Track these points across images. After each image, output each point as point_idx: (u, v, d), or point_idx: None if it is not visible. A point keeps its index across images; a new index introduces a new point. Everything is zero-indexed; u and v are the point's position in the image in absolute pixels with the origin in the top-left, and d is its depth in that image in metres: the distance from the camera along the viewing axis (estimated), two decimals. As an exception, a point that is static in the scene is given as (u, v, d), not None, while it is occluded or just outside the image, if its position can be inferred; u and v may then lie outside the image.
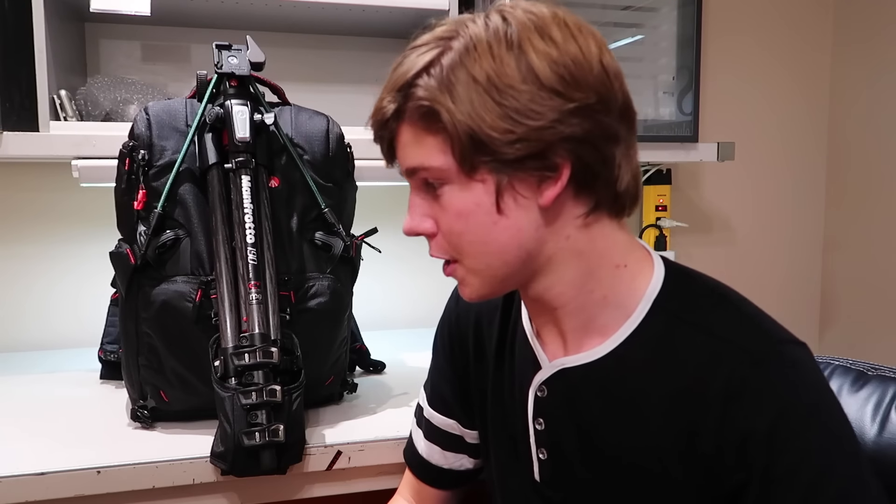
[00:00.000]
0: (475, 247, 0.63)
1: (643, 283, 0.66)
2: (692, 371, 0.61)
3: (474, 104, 0.58)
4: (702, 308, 0.65)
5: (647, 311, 0.65)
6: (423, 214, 0.65)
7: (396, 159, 0.66)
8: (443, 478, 0.87)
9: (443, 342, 0.87)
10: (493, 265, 0.64)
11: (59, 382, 1.22)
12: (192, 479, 0.89)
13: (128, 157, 0.97)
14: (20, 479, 0.83)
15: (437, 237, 0.66)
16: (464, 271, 0.66)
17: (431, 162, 0.62)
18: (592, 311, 0.66)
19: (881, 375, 0.86)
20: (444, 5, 1.36)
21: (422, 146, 0.62)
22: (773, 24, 1.92)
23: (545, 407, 0.70)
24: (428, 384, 0.89)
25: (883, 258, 1.83)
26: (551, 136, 0.59)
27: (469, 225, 0.62)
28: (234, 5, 1.36)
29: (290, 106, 1.08)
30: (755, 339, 0.61)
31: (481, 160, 0.60)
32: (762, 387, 0.58)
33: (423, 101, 0.60)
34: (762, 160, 1.94)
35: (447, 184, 0.62)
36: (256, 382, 0.87)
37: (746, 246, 1.97)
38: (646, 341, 0.64)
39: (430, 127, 0.61)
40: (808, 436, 0.57)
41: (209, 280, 0.94)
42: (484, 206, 0.61)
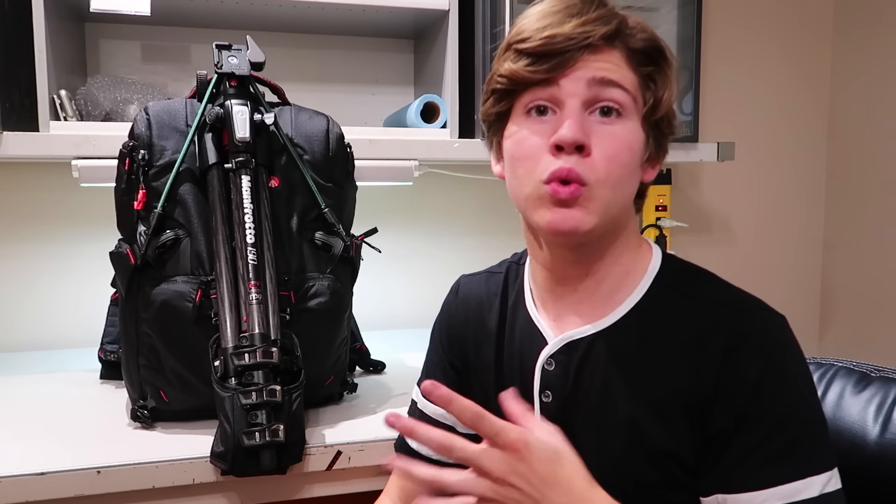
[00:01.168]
0: (621, 181, 0.68)
1: (646, 263, 0.74)
2: (694, 330, 0.68)
3: (673, 70, 0.70)
4: (696, 283, 0.73)
5: (649, 286, 0.72)
6: (585, 131, 0.66)
7: (569, 69, 0.66)
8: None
9: (440, 335, 0.89)
10: (618, 201, 0.69)
11: (59, 382, 1.22)
12: (192, 479, 0.89)
13: (128, 157, 0.97)
14: (20, 479, 0.83)
15: (592, 157, 0.66)
16: (592, 196, 0.67)
17: (630, 87, 0.67)
18: (612, 285, 0.73)
19: (884, 377, 0.87)
20: (444, 5, 1.36)
21: (625, 73, 0.67)
22: (773, 24, 1.92)
23: (552, 379, 0.74)
24: (422, 377, 0.90)
25: (883, 258, 1.83)
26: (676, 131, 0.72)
27: (630, 159, 0.68)
28: (234, 5, 1.36)
29: (290, 106, 1.09)
30: (748, 304, 0.70)
31: (657, 122, 0.69)
32: (759, 340, 0.66)
33: (650, 40, 0.68)
34: (762, 160, 1.94)
35: (626, 117, 0.67)
36: (256, 382, 0.88)
37: (746, 246, 1.97)
38: (648, 311, 0.71)
39: (641, 64, 0.68)
40: (785, 387, 0.65)
41: (209, 280, 0.94)
42: (639, 153, 0.69)
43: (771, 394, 0.65)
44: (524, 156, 0.68)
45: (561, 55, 0.66)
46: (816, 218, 2.01)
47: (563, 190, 0.66)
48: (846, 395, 0.86)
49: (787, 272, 2.01)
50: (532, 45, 0.66)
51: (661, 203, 1.80)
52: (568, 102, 0.66)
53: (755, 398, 0.65)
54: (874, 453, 0.80)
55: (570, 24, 0.66)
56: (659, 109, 0.69)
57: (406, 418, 0.66)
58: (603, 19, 0.66)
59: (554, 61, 0.66)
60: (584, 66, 0.66)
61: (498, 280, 0.84)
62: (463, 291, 0.88)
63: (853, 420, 0.83)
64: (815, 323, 2.04)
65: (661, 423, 0.68)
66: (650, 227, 1.79)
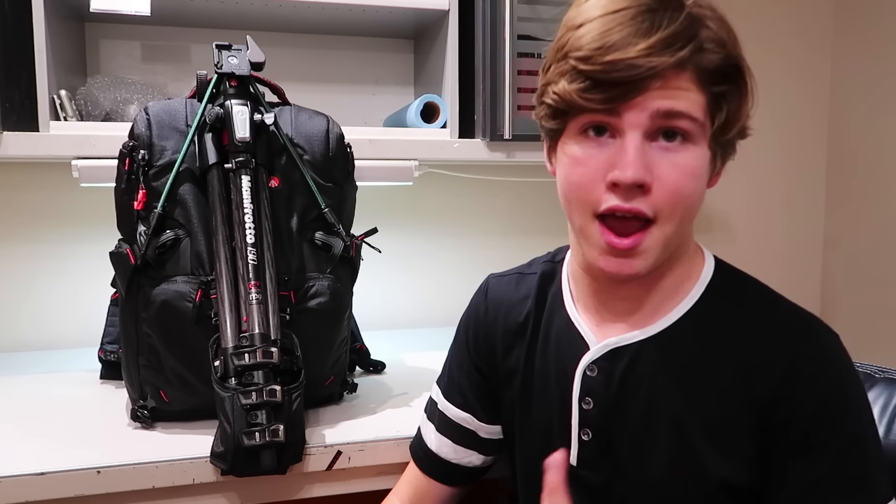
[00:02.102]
0: (687, 210, 0.64)
1: (699, 269, 0.71)
2: (752, 345, 0.65)
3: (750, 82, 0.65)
4: (752, 295, 0.69)
5: (701, 294, 0.69)
6: (647, 166, 0.61)
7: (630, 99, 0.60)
8: (451, 473, 0.87)
9: (466, 336, 0.87)
10: (684, 230, 0.66)
11: (58, 382, 1.22)
12: (192, 479, 0.89)
13: (128, 157, 0.97)
14: (20, 479, 0.83)
15: (652, 194, 0.62)
16: (655, 239, 0.63)
17: (698, 114, 0.62)
18: (667, 291, 0.70)
19: (888, 378, 0.87)
20: (444, 5, 1.36)
21: (695, 96, 0.61)
22: (773, 24, 1.91)
23: (594, 386, 0.71)
24: (444, 378, 0.89)
25: (883, 258, 1.83)
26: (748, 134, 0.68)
27: (696, 187, 0.64)
28: (234, 5, 1.36)
29: (290, 106, 1.08)
30: (806, 322, 0.67)
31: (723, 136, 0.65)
32: (821, 363, 0.64)
33: (728, 60, 0.62)
34: (762, 160, 1.94)
35: (692, 143, 0.62)
36: (256, 382, 0.87)
37: (746, 246, 1.97)
38: (700, 320, 0.68)
39: (713, 84, 0.62)
40: (849, 413, 0.63)
41: (209, 280, 0.94)
42: (706, 175, 0.65)
43: (836, 421, 0.62)
44: (578, 183, 0.64)
45: (625, 85, 0.59)
46: (816, 218, 2.01)
47: (619, 242, 0.63)
48: (848, 396, 0.86)
49: (787, 272, 2.01)
50: (592, 68, 0.60)
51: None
52: (628, 133, 0.61)
53: (820, 426, 0.62)
54: (877, 454, 0.80)
55: (639, 48, 0.58)
56: (729, 130, 0.64)
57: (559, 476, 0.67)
58: (677, 40, 0.59)
59: (616, 91, 0.60)
60: (650, 95, 0.60)
61: (531, 282, 0.81)
62: (493, 293, 0.85)
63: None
64: (815, 323, 2.04)
65: (713, 445, 0.65)
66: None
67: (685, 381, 0.67)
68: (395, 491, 0.91)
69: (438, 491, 0.87)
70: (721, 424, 0.65)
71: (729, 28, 0.64)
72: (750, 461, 0.64)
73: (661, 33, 0.59)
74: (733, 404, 0.65)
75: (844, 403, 0.63)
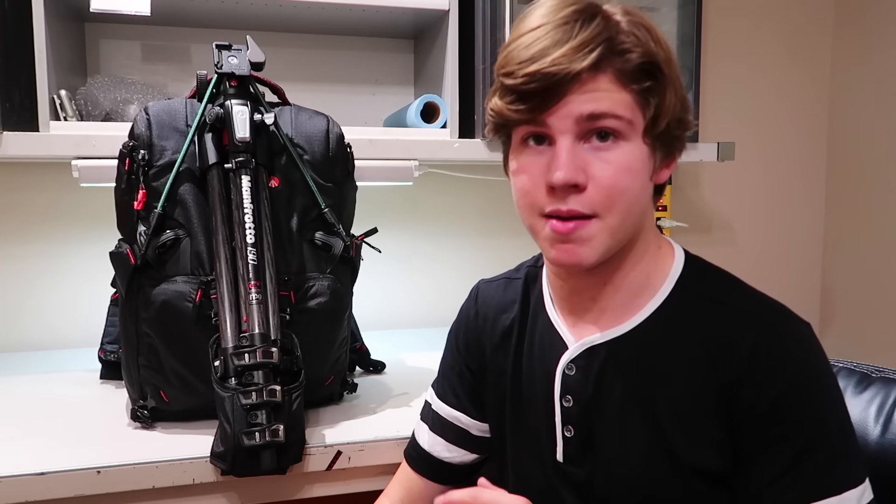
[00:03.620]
0: (628, 204, 0.66)
1: (668, 265, 0.73)
2: (719, 336, 0.67)
3: (675, 75, 0.66)
4: (720, 287, 0.71)
5: (671, 290, 0.71)
6: (578, 167, 0.64)
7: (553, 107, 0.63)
8: (443, 471, 0.88)
9: (457, 337, 0.89)
10: (627, 224, 0.67)
11: (58, 382, 1.22)
12: (192, 479, 0.89)
13: (128, 157, 0.97)
14: (20, 479, 0.83)
15: (588, 191, 0.64)
16: (598, 229, 0.66)
17: (624, 112, 0.63)
18: (633, 289, 0.72)
19: (885, 378, 0.87)
20: (444, 5, 1.36)
21: (619, 96, 0.63)
22: (774, 24, 1.92)
23: (573, 384, 0.74)
24: (438, 379, 0.91)
25: (883, 258, 1.83)
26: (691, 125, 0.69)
27: (633, 182, 0.66)
28: (234, 5, 1.36)
29: (290, 106, 1.08)
30: (774, 312, 0.68)
31: (664, 127, 0.66)
32: (785, 351, 0.65)
33: (646, 57, 0.63)
34: (762, 160, 1.94)
35: (624, 140, 0.64)
36: (256, 382, 0.88)
37: (746, 246, 1.97)
38: (670, 315, 0.70)
39: (635, 82, 0.63)
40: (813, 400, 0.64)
41: (209, 280, 0.94)
42: (645, 168, 0.67)
43: (799, 408, 0.63)
44: (524, 189, 0.68)
45: (544, 93, 0.63)
46: (816, 218, 2.01)
47: (561, 227, 0.65)
48: (847, 396, 0.86)
49: (787, 272, 2.01)
50: (515, 82, 0.63)
51: (661, 203, 1.80)
52: (559, 138, 0.64)
53: (783, 413, 0.64)
54: (875, 454, 0.80)
55: (553, 56, 0.61)
56: (660, 122, 0.65)
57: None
58: (589, 45, 0.61)
59: (538, 100, 0.63)
60: (570, 100, 0.63)
61: (517, 286, 0.84)
62: (482, 297, 0.87)
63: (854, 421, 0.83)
64: (815, 323, 2.04)
65: (684, 433, 0.67)
66: (650, 227, 1.79)
67: (656, 374, 0.69)
68: (385, 493, 0.91)
69: (430, 490, 0.88)
70: (690, 413, 0.67)
71: (648, 27, 0.65)
72: (720, 447, 0.66)
73: (574, 41, 0.62)
74: (700, 391, 0.67)
75: (809, 388, 0.64)
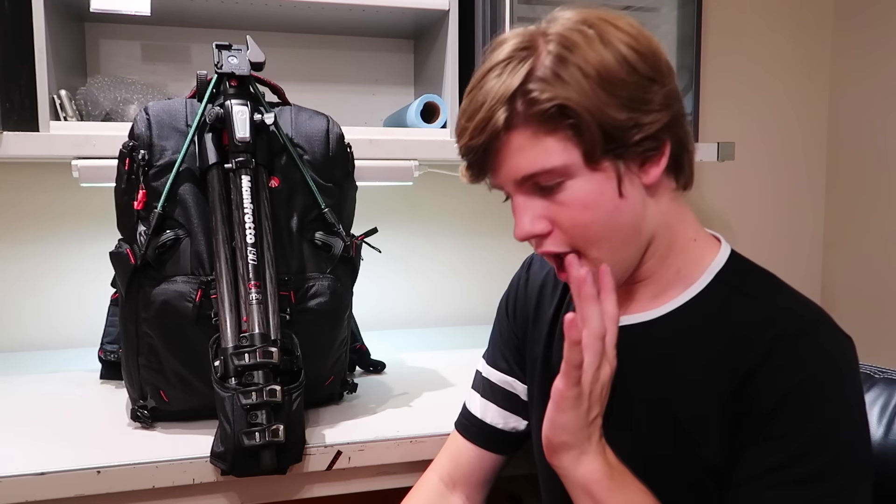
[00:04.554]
0: (602, 233, 0.66)
1: (709, 257, 0.71)
2: (741, 329, 0.66)
3: (597, 96, 0.61)
4: (762, 286, 0.70)
5: (709, 282, 0.70)
6: (535, 216, 0.66)
7: (493, 172, 0.67)
8: (495, 438, 0.88)
9: (506, 305, 0.91)
10: (617, 249, 0.67)
11: (59, 382, 1.22)
12: (192, 479, 0.89)
13: (128, 157, 0.97)
14: (20, 479, 0.83)
15: (554, 234, 0.67)
16: (589, 260, 0.67)
17: (553, 162, 0.63)
18: (665, 284, 0.71)
19: (888, 378, 0.87)
20: (444, 5, 1.36)
21: (539, 148, 0.63)
22: (773, 24, 1.91)
23: None
24: (488, 348, 0.93)
25: (883, 258, 1.83)
26: (661, 119, 0.64)
27: (596, 214, 0.65)
28: (234, 5, 1.36)
29: (290, 106, 1.08)
30: (810, 314, 0.66)
31: (607, 149, 0.63)
32: (804, 354, 0.62)
33: (548, 101, 0.61)
34: (762, 160, 1.94)
35: (568, 179, 0.64)
36: (256, 382, 0.87)
37: (746, 246, 1.96)
38: (702, 307, 0.69)
39: (552, 127, 0.62)
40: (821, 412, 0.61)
41: (209, 280, 0.94)
42: (607, 194, 0.65)
43: (805, 413, 0.61)
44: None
45: (480, 162, 0.66)
46: (816, 218, 2.01)
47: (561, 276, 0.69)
48: (848, 396, 0.86)
49: (787, 272, 1.99)
50: (460, 150, 0.67)
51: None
52: (512, 196, 0.67)
53: (786, 413, 0.62)
54: (877, 455, 0.80)
55: (468, 132, 0.64)
56: (593, 153, 0.63)
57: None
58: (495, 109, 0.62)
59: (477, 168, 0.67)
60: (503, 162, 0.65)
61: None
62: (534, 268, 0.89)
63: (855, 421, 0.83)
64: (815, 323, 2.04)
65: (695, 425, 0.66)
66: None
67: (677, 364, 0.69)
68: (432, 468, 0.91)
69: (482, 461, 0.88)
70: (703, 405, 0.66)
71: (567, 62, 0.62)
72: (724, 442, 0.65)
73: (487, 104, 0.63)
74: (717, 384, 0.66)
75: (820, 399, 0.61)
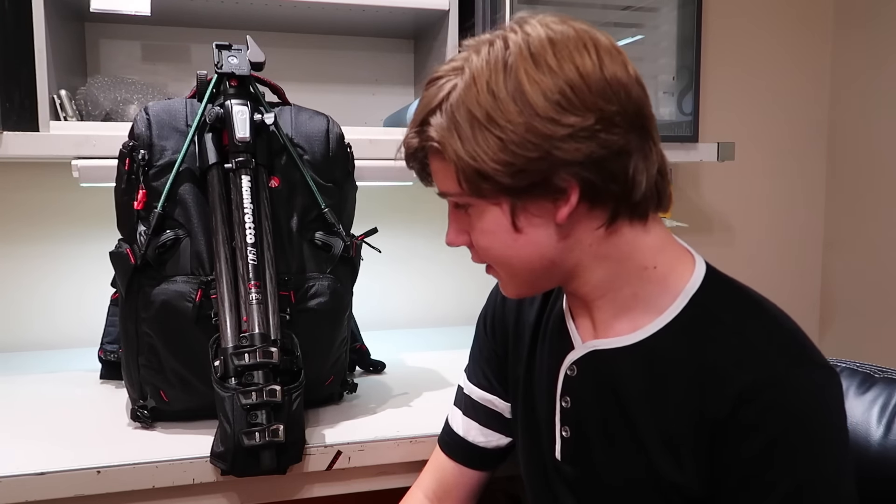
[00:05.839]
0: (502, 259, 0.70)
1: (679, 282, 0.69)
2: (716, 366, 0.64)
3: (477, 140, 0.62)
4: (739, 311, 0.67)
5: (683, 307, 0.68)
6: (459, 230, 0.72)
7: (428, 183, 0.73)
8: (476, 456, 0.88)
9: (485, 322, 0.91)
10: (521, 273, 0.70)
11: (59, 382, 1.22)
12: (192, 479, 0.89)
13: (128, 156, 0.97)
14: (20, 479, 0.83)
15: (473, 248, 0.72)
16: (500, 274, 0.73)
17: (451, 189, 0.68)
18: (623, 305, 0.71)
19: (888, 378, 0.86)
20: (444, 5, 1.36)
21: (443, 174, 0.68)
22: (774, 24, 1.91)
23: (573, 385, 0.74)
24: (469, 364, 0.92)
25: (883, 258, 1.83)
26: (550, 163, 0.61)
27: (494, 241, 0.68)
28: (234, 5, 1.36)
29: (290, 106, 1.08)
30: (784, 354, 0.63)
31: (488, 189, 0.64)
32: (774, 404, 0.60)
33: (432, 140, 0.66)
34: (762, 160, 1.94)
35: (471, 206, 0.68)
36: (256, 382, 0.87)
37: (746, 246, 1.97)
38: (678, 332, 0.67)
39: (444, 160, 0.66)
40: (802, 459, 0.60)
41: (209, 280, 0.94)
42: (503, 226, 0.66)
43: (784, 460, 0.60)
44: None
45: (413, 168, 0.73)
46: (816, 218, 2.01)
47: (488, 270, 0.74)
48: (850, 397, 0.86)
49: (787, 272, 2.01)
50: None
51: (661, 203, 1.80)
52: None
53: (766, 462, 0.61)
54: (878, 454, 0.80)
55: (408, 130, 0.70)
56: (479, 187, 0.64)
57: None
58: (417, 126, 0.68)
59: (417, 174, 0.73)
60: (431, 173, 0.71)
61: None
62: None
63: (857, 421, 0.83)
64: (815, 323, 2.04)
65: (668, 453, 0.66)
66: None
67: (654, 390, 0.67)
68: (417, 485, 0.91)
69: (465, 478, 0.88)
70: (676, 435, 0.65)
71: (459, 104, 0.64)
72: (701, 474, 0.65)
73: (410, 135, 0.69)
74: (688, 417, 0.65)
75: (799, 443, 0.60)
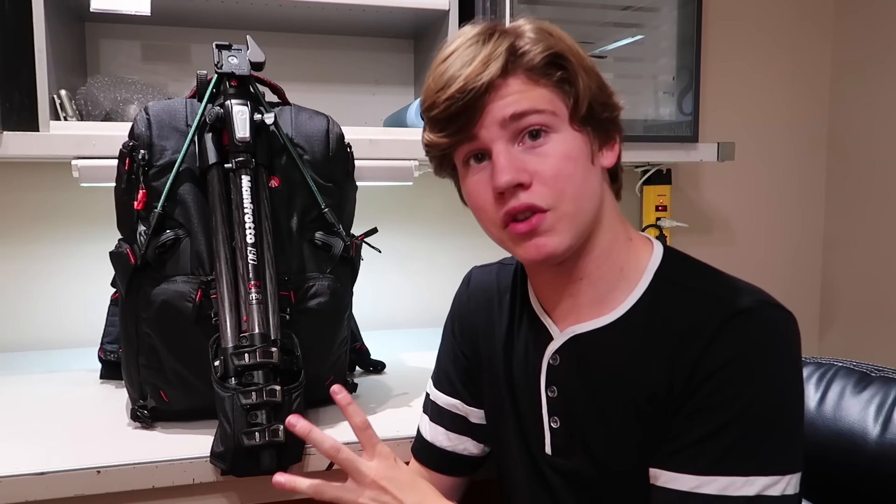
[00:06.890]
0: (577, 189, 0.69)
1: (645, 258, 0.74)
2: (693, 321, 0.67)
3: (584, 63, 0.70)
4: (699, 276, 0.72)
5: (651, 281, 0.72)
6: (518, 168, 0.67)
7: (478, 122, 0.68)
8: (447, 462, 0.88)
9: (452, 324, 0.91)
10: (584, 209, 0.70)
11: (59, 382, 1.22)
12: (191, 479, 0.89)
13: (128, 156, 0.97)
14: (20, 479, 0.83)
15: (534, 187, 0.68)
16: (555, 218, 0.68)
17: (544, 105, 0.67)
18: (609, 283, 0.73)
19: (884, 377, 0.87)
20: (444, 5, 1.36)
21: (535, 93, 0.67)
22: (774, 24, 1.92)
23: (558, 374, 0.75)
24: (435, 369, 0.92)
25: (883, 258, 1.83)
26: (615, 108, 0.72)
27: (576, 168, 0.69)
28: (234, 5, 1.36)
29: (290, 106, 1.08)
30: (740, 296, 0.67)
31: (586, 114, 0.69)
32: (741, 331, 0.65)
33: (540, 52, 0.67)
34: (762, 160, 1.94)
35: (554, 131, 0.68)
36: (256, 382, 0.88)
37: (746, 246, 1.97)
38: (650, 306, 0.71)
39: (547, 76, 0.68)
40: (752, 384, 0.64)
41: (209, 280, 0.94)
42: (584, 154, 0.70)
43: (733, 386, 0.64)
44: (478, 206, 0.72)
45: (466, 110, 0.67)
46: (816, 218, 2.01)
47: (522, 226, 0.68)
48: (846, 396, 0.86)
49: (787, 272, 2.01)
50: (438, 112, 0.68)
51: (661, 203, 1.80)
52: (493, 147, 0.68)
53: (718, 387, 0.64)
54: (874, 453, 0.81)
55: (464, 75, 0.66)
56: (581, 106, 0.69)
57: (304, 422, 0.77)
58: (492, 56, 0.66)
59: (463, 118, 0.68)
60: (491, 109, 0.67)
61: (509, 272, 0.85)
62: (474, 283, 0.89)
63: (853, 420, 0.84)
64: (815, 323, 2.04)
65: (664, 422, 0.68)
66: (650, 227, 1.79)
67: (638, 364, 0.70)
68: None
69: (439, 484, 0.88)
70: (668, 402, 0.67)
71: (549, 30, 0.70)
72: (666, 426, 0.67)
73: (479, 58, 0.67)
74: (676, 379, 0.67)
75: (752, 373, 0.64)
